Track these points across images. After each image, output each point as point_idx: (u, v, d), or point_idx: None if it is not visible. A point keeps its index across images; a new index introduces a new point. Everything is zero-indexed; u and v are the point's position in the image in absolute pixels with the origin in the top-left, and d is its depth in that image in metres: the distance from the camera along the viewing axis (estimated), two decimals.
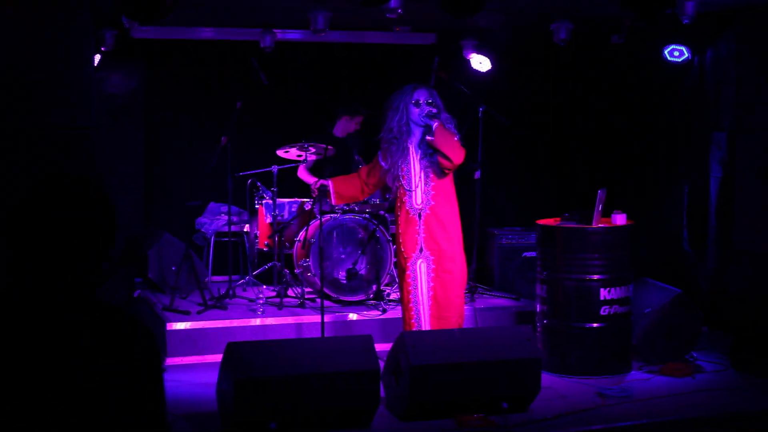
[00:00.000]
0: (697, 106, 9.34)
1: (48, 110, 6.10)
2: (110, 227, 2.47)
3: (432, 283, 7.17)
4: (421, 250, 7.17)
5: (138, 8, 5.79)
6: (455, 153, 7.04)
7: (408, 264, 7.20)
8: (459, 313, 7.26)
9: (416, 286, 7.17)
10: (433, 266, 7.16)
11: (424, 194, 7.16)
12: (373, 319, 8.52)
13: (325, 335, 7.80)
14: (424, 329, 7.13)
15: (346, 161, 9.57)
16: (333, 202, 7.65)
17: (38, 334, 2.37)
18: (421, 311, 7.17)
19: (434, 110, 7.06)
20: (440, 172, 7.16)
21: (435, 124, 7.04)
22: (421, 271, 7.17)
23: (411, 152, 7.19)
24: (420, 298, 7.16)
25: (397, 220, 7.32)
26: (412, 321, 7.21)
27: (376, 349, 6.33)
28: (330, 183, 7.46)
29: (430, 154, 7.13)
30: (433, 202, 7.17)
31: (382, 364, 6.49)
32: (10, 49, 5.96)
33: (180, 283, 8.83)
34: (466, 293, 8.59)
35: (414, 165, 7.17)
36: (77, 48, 6.13)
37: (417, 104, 7.11)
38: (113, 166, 9.62)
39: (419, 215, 7.17)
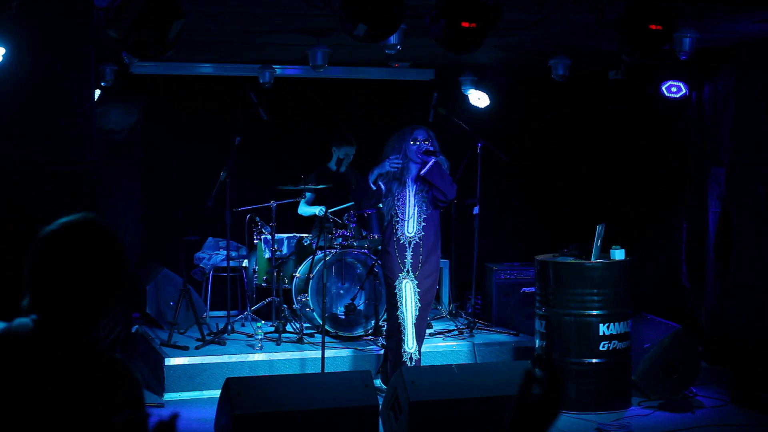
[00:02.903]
0: (695, 142, 9.37)
1: (48, 146, 6.11)
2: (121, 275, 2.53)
3: (419, 304, 7.49)
4: (408, 272, 7.50)
5: (138, 45, 5.81)
6: (448, 189, 7.44)
7: (395, 284, 7.52)
8: (422, 341, 7.65)
9: (403, 303, 7.48)
10: (418, 289, 7.50)
11: (417, 224, 7.48)
12: (372, 354, 8.49)
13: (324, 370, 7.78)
14: (406, 345, 7.38)
15: (344, 195, 9.57)
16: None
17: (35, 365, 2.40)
18: (407, 327, 7.43)
19: (431, 147, 7.46)
20: (434, 206, 7.54)
21: (431, 161, 7.38)
22: (407, 290, 7.49)
23: (408, 186, 7.53)
24: (406, 314, 7.47)
25: (385, 247, 7.62)
26: (401, 336, 7.43)
27: (375, 385, 6.31)
28: None
29: (426, 189, 7.48)
30: (423, 233, 7.52)
31: (380, 399, 6.47)
32: (13, 86, 5.97)
33: (178, 318, 8.80)
34: (464, 329, 9.17)
35: (410, 197, 7.52)
36: (79, 84, 6.15)
37: (415, 142, 7.48)
38: (111, 200, 9.61)
39: (409, 243, 7.51)
